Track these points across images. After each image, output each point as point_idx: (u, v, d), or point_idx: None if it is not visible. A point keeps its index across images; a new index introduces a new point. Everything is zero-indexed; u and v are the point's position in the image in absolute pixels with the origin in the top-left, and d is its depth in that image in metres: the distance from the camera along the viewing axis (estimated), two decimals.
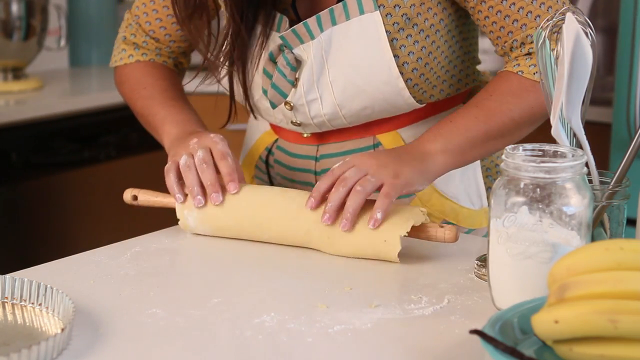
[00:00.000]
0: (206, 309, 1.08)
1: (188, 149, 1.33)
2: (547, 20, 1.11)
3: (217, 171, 1.32)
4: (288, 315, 1.06)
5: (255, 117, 1.53)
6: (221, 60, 1.42)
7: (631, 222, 1.21)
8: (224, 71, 1.45)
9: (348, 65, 1.36)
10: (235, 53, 1.40)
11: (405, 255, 1.27)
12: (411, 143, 1.33)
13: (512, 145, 1.04)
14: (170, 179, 1.32)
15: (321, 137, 1.47)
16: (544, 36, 1.10)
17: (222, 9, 1.44)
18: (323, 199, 1.26)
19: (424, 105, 1.42)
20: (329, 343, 0.99)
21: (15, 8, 2.71)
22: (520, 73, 1.33)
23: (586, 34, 1.08)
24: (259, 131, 1.57)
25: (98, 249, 1.29)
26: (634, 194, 1.17)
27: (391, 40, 1.34)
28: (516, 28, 1.33)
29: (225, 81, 1.47)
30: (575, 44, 1.06)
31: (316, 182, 1.39)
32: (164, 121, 1.45)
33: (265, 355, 0.98)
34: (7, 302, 1.09)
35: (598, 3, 2.85)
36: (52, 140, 2.58)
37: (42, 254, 2.39)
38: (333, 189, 1.24)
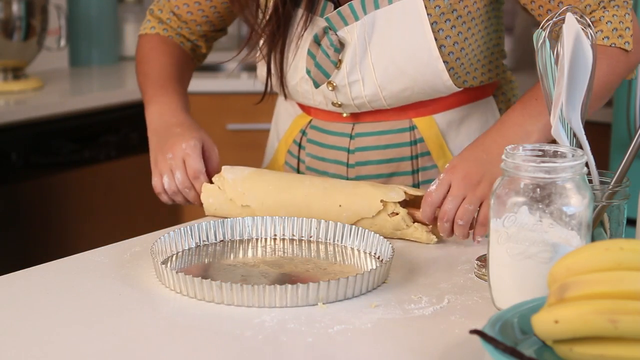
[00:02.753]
0: (206, 309, 1.08)
1: (166, 166, 1.45)
2: (547, 20, 1.11)
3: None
4: (288, 315, 1.06)
5: (285, 99, 1.57)
6: (263, 38, 1.48)
7: (631, 222, 1.21)
8: (262, 51, 1.50)
9: (390, 47, 1.41)
10: (278, 32, 1.46)
11: (406, 255, 1.27)
12: (507, 124, 1.33)
13: (512, 145, 1.04)
14: (164, 198, 1.48)
15: (358, 116, 1.51)
16: (544, 36, 1.10)
17: None
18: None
19: (459, 90, 1.46)
20: (329, 343, 0.99)
21: (15, 8, 2.70)
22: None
23: (586, 34, 1.08)
24: (290, 116, 1.61)
25: (98, 249, 1.29)
26: (634, 194, 1.17)
27: (431, 24, 1.39)
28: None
29: (261, 65, 1.52)
30: (575, 44, 1.07)
31: (348, 160, 1.51)
32: (148, 103, 1.54)
33: (265, 355, 0.98)
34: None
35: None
36: (52, 140, 2.58)
37: (42, 254, 2.39)
38: (439, 224, 1.29)
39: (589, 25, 1.10)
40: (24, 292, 1.14)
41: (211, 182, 1.42)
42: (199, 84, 2.94)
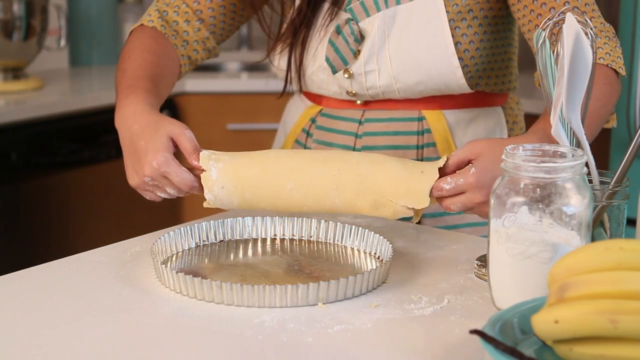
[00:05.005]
0: (206, 309, 1.08)
1: (149, 188, 1.30)
2: (547, 20, 1.11)
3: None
4: (288, 315, 1.06)
5: (300, 90, 1.59)
6: (286, 33, 1.51)
7: (631, 222, 1.21)
8: (278, 49, 1.54)
9: (408, 40, 1.45)
10: (302, 25, 1.50)
11: (406, 255, 1.27)
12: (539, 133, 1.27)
13: (512, 145, 1.04)
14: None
15: (369, 103, 1.54)
16: (544, 36, 1.10)
17: None
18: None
19: (471, 92, 1.49)
20: (329, 343, 0.99)
21: (15, 8, 2.71)
22: (610, 65, 1.32)
23: (586, 34, 1.08)
24: (300, 109, 1.63)
25: (98, 249, 1.29)
26: (634, 194, 1.17)
27: (448, 21, 1.43)
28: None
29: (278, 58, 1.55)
30: (575, 44, 1.07)
31: (355, 144, 1.53)
32: (116, 107, 1.39)
33: (265, 355, 0.98)
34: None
35: (598, 3, 2.85)
36: (52, 140, 2.58)
37: (42, 254, 2.39)
38: (445, 205, 1.21)
39: (589, 25, 1.10)
40: (24, 292, 1.14)
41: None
42: (199, 84, 2.94)
